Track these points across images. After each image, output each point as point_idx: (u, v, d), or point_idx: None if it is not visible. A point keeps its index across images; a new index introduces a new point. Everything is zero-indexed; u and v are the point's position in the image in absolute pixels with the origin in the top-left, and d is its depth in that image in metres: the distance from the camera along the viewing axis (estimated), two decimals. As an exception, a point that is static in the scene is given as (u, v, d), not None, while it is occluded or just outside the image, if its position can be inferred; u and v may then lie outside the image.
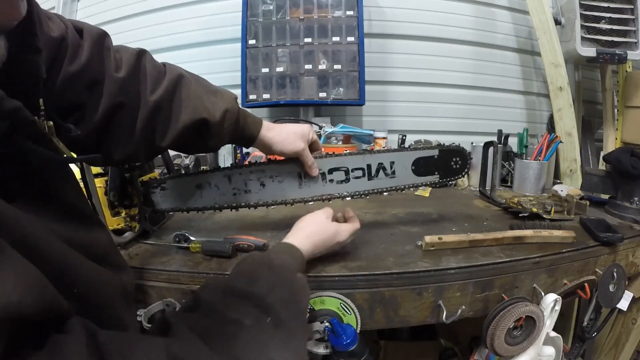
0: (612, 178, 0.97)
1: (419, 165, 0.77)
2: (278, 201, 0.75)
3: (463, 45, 1.60)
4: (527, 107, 1.71)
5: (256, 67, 1.37)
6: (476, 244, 0.71)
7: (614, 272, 0.73)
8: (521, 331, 0.64)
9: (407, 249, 0.70)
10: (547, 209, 0.90)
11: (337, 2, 1.36)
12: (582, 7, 1.39)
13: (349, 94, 1.37)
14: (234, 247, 0.68)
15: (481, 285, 0.64)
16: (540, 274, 0.68)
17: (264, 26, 1.37)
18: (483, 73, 1.63)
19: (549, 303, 0.65)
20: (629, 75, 1.54)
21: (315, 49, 1.36)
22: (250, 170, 0.73)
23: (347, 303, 0.60)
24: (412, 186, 0.78)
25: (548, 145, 1.15)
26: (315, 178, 0.74)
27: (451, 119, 1.64)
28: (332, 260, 0.65)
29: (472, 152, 1.24)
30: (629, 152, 0.91)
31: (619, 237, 0.74)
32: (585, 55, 1.41)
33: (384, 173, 0.76)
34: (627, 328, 0.98)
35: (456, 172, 0.78)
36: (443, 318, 0.62)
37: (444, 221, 0.87)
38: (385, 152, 0.77)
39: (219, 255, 0.68)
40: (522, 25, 1.65)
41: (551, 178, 1.21)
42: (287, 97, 1.37)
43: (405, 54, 1.57)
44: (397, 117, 1.61)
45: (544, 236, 0.72)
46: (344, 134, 1.29)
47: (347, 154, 0.76)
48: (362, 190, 0.76)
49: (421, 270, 0.62)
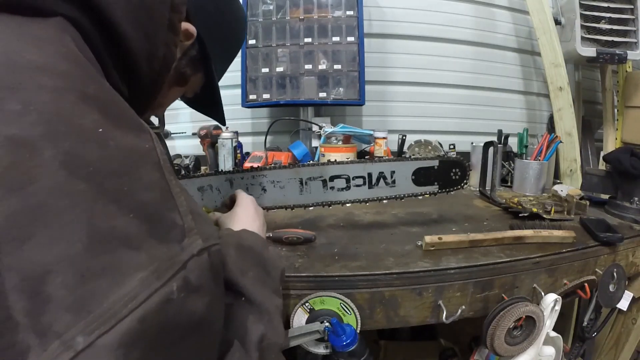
0: (612, 178, 0.97)
1: (419, 175, 0.78)
2: (279, 206, 0.75)
3: (463, 45, 1.60)
4: (527, 107, 1.71)
5: (256, 67, 1.37)
6: (476, 244, 0.71)
7: (614, 272, 0.73)
8: (521, 331, 0.64)
9: (407, 249, 0.70)
10: (547, 209, 0.90)
11: (337, 2, 1.36)
12: (582, 7, 1.39)
13: (349, 94, 1.37)
14: (284, 240, 0.70)
15: (481, 285, 0.64)
16: (540, 274, 0.68)
17: (264, 26, 1.37)
18: (483, 73, 1.63)
19: (549, 303, 0.65)
20: (629, 75, 1.54)
21: (315, 49, 1.36)
22: (252, 175, 0.73)
23: (347, 303, 0.60)
24: (411, 195, 0.79)
25: (548, 145, 1.15)
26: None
27: (451, 119, 1.63)
28: (332, 260, 0.65)
29: (472, 152, 1.25)
30: (629, 152, 0.91)
31: (619, 237, 0.74)
32: (585, 55, 1.41)
33: (384, 182, 0.77)
34: (627, 328, 0.98)
35: (455, 182, 0.80)
36: (443, 318, 0.62)
37: (444, 221, 0.87)
38: (387, 162, 0.78)
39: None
40: (522, 25, 1.65)
41: (551, 178, 1.21)
42: (287, 97, 1.37)
43: (405, 54, 1.57)
44: (397, 117, 1.61)
45: (544, 236, 0.72)
46: (344, 134, 1.28)
47: (349, 162, 0.77)
48: (363, 198, 0.77)
49: (421, 270, 0.62)
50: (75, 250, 0.22)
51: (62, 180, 0.23)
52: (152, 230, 0.26)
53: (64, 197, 0.22)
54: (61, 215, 0.22)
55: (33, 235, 0.21)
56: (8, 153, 0.22)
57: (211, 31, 0.48)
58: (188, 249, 0.27)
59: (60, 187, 0.23)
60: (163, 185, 0.28)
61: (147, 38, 0.36)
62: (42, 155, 0.23)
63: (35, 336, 0.21)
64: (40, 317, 0.21)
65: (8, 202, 0.21)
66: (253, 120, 1.59)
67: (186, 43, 0.45)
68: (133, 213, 0.25)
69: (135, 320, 0.23)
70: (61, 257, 0.21)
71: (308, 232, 0.72)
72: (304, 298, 0.59)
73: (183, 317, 0.26)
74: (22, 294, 0.21)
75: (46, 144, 0.23)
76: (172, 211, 0.28)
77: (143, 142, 0.28)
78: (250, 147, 1.53)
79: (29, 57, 0.25)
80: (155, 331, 0.24)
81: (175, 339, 0.25)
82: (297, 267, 0.62)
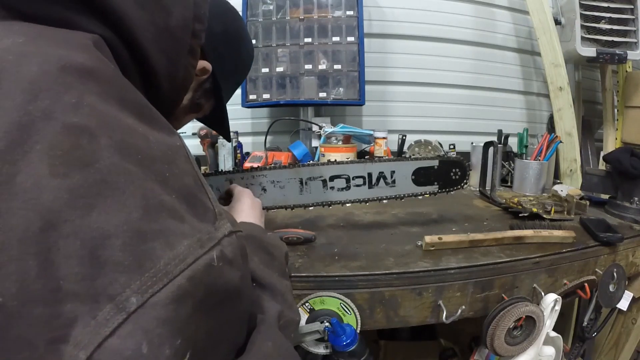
0: (612, 178, 0.97)
1: (419, 175, 0.78)
2: (279, 206, 0.75)
3: (463, 45, 1.60)
4: (527, 107, 1.71)
5: (256, 67, 1.37)
6: (476, 244, 0.71)
7: (614, 272, 0.73)
8: (521, 331, 0.64)
9: (407, 249, 0.70)
10: (547, 209, 0.90)
11: (337, 2, 1.36)
12: (582, 7, 1.39)
13: (349, 94, 1.37)
14: (284, 240, 0.69)
15: (481, 285, 0.64)
16: (540, 274, 0.68)
17: (264, 26, 1.37)
18: (483, 73, 1.63)
19: (549, 303, 0.65)
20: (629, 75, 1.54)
21: (315, 49, 1.36)
22: (252, 175, 0.73)
23: (347, 303, 0.60)
24: (411, 195, 0.79)
25: (548, 145, 1.15)
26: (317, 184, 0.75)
27: (451, 119, 1.63)
28: (332, 260, 0.65)
29: (472, 152, 1.25)
30: (629, 152, 0.91)
31: (619, 237, 0.74)
32: (585, 55, 1.41)
33: (384, 182, 0.77)
34: (627, 328, 0.98)
35: (455, 182, 0.80)
36: (443, 318, 0.62)
37: (444, 221, 0.87)
38: (387, 162, 0.78)
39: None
40: (522, 25, 1.65)
41: (551, 178, 1.21)
42: (287, 97, 1.37)
43: (405, 54, 1.57)
44: (397, 117, 1.61)
45: (544, 236, 0.72)
46: (344, 134, 1.28)
47: (349, 162, 0.77)
48: (363, 198, 0.77)
49: (421, 270, 0.62)
50: (133, 217, 0.25)
51: (118, 162, 0.26)
52: (191, 210, 0.29)
53: (121, 175, 0.25)
54: (119, 189, 0.25)
55: (95, 206, 0.24)
56: (70, 137, 0.25)
57: (224, 66, 0.53)
58: (220, 229, 0.30)
59: (117, 167, 0.26)
60: (194, 174, 0.32)
61: (169, 60, 0.40)
62: (99, 142, 0.26)
63: (85, 304, 0.22)
64: (94, 282, 0.22)
65: (72, 178, 0.24)
66: (253, 120, 1.59)
67: (202, 77, 0.50)
68: (175, 194, 0.28)
69: (184, 278, 0.25)
70: (120, 223, 0.24)
71: (308, 232, 0.72)
72: (304, 298, 0.59)
73: (222, 284, 0.29)
74: (80, 259, 0.22)
75: (102, 132, 0.26)
76: (204, 197, 0.32)
77: (175, 140, 0.32)
78: (250, 147, 1.53)
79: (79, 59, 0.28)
80: (202, 292, 0.26)
81: (216, 303, 0.28)
82: (297, 267, 0.62)
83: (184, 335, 0.24)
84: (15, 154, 0.23)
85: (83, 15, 0.33)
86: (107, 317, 0.22)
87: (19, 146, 0.23)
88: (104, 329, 0.22)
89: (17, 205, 0.22)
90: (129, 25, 0.35)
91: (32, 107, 0.24)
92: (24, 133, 0.24)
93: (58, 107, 0.25)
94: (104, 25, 0.34)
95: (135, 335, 0.22)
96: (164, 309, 0.24)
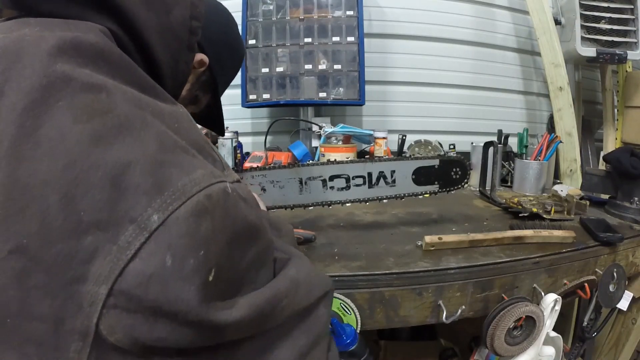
0: (612, 178, 0.97)
1: (419, 174, 0.78)
2: (278, 206, 0.75)
3: (463, 45, 1.60)
4: (527, 107, 1.71)
5: (256, 67, 1.37)
6: (476, 244, 0.71)
7: (614, 272, 0.73)
8: (521, 331, 0.64)
9: (407, 249, 0.70)
10: (547, 209, 0.90)
11: (337, 2, 1.36)
12: (582, 7, 1.39)
13: (349, 94, 1.37)
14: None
15: (481, 285, 0.64)
16: (540, 274, 0.68)
17: (264, 26, 1.37)
18: (483, 73, 1.63)
19: (549, 303, 0.65)
20: (629, 75, 1.54)
21: (315, 49, 1.36)
22: (251, 175, 0.73)
23: (347, 303, 0.60)
24: (412, 195, 0.79)
25: (548, 145, 1.15)
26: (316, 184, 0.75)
27: (451, 119, 1.63)
28: (332, 260, 0.65)
29: (472, 152, 1.25)
30: (629, 152, 0.91)
31: (619, 237, 0.74)
32: (585, 55, 1.41)
33: (384, 181, 0.77)
34: (627, 328, 0.98)
35: (456, 182, 0.80)
36: (443, 318, 0.62)
37: (444, 221, 0.87)
38: (387, 161, 0.78)
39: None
40: (522, 25, 1.65)
41: (551, 178, 1.21)
42: (287, 97, 1.36)
43: (405, 54, 1.57)
44: (397, 117, 1.61)
45: (544, 236, 0.72)
46: (344, 134, 1.28)
47: (348, 162, 0.77)
48: (363, 198, 0.77)
49: (421, 270, 0.62)
50: (150, 150, 0.27)
51: (135, 111, 0.28)
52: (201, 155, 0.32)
53: (137, 120, 0.28)
54: (136, 130, 0.27)
55: (115, 142, 0.26)
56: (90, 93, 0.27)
57: (219, 59, 0.56)
58: (229, 177, 0.33)
59: (134, 114, 0.28)
60: (201, 134, 0.35)
61: (171, 55, 0.43)
62: (116, 96, 0.28)
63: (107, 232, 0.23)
64: (116, 206, 0.24)
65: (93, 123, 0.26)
66: (253, 120, 1.59)
67: (200, 70, 0.53)
68: (186, 141, 0.31)
69: (202, 195, 0.27)
70: (139, 153, 0.26)
71: (308, 232, 0.72)
72: (304, 298, 0.59)
73: (241, 217, 0.30)
74: (101, 189, 0.24)
75: (117, 90, 0.29)
76: (212, 151, 0.34)
77: (179, 108, 0.35)
78: (250, 147, 1.53)
79: (91, 39, 0.31)
80: (220, 213, 0.28)
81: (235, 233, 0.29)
82: (297, 267, 0.62)
83: (206, 249, 0.26)
84: (39, 110, 0.25)
85: (94, 11, 0.35)
86: (129, 240, 0.23)
87: (42, 104, 0.25)
88: (126, 252, 0.23)
89: (41, 152, 0.24)
90: (137, 22, 0.37)
91: (52, 71, 0.27)
92: (46, 92, 0.26)
93: (76, 72, 0.28)
94: (112, 21, 0.36)
95: (158, 252, 0.24)
96: (185, 223, 0.25)
